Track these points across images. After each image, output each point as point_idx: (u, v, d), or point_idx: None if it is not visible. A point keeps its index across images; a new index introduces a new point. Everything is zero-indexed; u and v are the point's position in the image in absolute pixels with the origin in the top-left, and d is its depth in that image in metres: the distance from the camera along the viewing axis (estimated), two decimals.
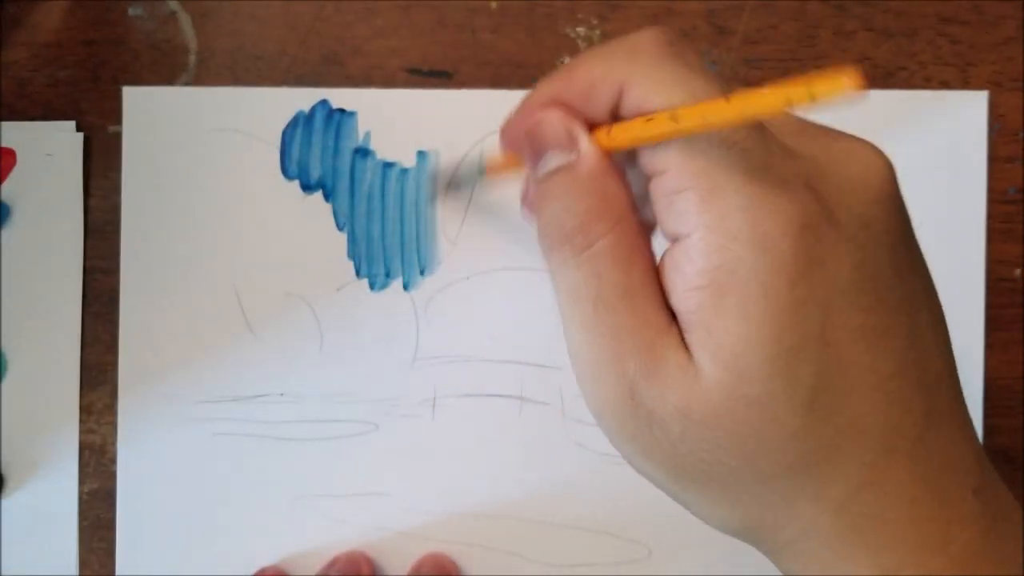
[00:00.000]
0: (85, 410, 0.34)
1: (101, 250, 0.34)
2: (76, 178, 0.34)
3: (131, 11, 0.35)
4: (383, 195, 0.34)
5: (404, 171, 0.34)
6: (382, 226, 0.34)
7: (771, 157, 0.18)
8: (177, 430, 0.34)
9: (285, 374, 0.34)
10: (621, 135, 0.19)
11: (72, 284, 0.34)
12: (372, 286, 0.34)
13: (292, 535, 0.33)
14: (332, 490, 0.34)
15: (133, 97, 0.34)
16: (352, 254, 0.34)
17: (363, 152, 0.34)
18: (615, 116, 0.20)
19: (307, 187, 0.34)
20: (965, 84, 0.34)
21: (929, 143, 0.34)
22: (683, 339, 0.19)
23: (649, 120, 0.18)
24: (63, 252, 0.34)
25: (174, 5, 0.35)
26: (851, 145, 0.19)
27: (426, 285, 0.34)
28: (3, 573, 0.34)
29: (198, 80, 0.34)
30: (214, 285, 0.34)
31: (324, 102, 0.34)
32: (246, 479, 0.34)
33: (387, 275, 0.34)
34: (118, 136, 0.34)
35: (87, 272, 0.34)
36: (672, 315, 0.19)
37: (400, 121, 0.34)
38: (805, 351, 0.18)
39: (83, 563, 0.34)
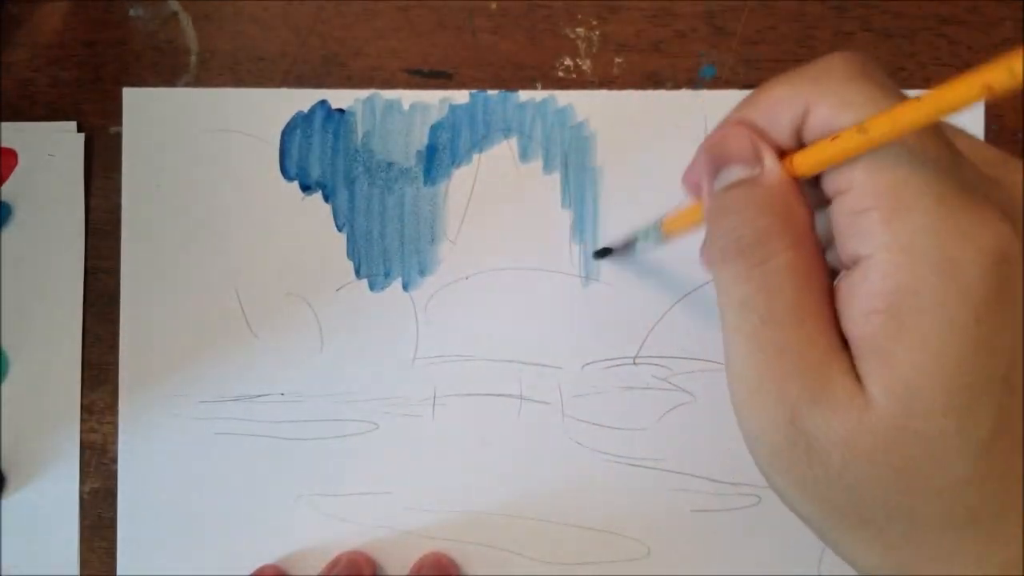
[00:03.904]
0: (86, 409, 0.34)
1: (102, 250, 0.34)
2: (77, 178, 0.34)
3: (132, 12, 0.35)
4: (382, 195, 0.34)
5: (403, 171, 0.34)
6: (382, 226, 0.34)
7: (965, 179, 0.17)
8: (178, 429, 0.34)
9: (285, 374, 0.34)
10: (804, 160, 0.19)
11: (73, 284, 0.34)
12: (372, 286, 0.34)
13: (292, 534, 0.34)
14: (332, 489, 0.34)
15: (133, 98, 0.34)
16: (352, 254, 0.34)
17: (362, 152, 0.34)
18: (798, 142, 0.19)
19: (306, 187, 0.34)
20: None
21: None
22: (853, 366, 0.17)
23: (835, 138, 0.18)
24: (64, 252, 0.34)
25: (175, 6, 0.35)
26: None
27: (426, 285, 0.34)
28: (4, 572, 0.34)
29: (199, 81, 0.35)
30: (214, 285, 0.34)
31: (323, 102, 0.34)
32: (247, 478, 0.34)
33: (387, 275, 0.34)
34: (119, 137, 0.34)
35: (88, 272, 0.34)
36: (844, 342, 0.18)
37: (400, 121, 0.34)
38: (987, 393, 0.16)
39: (84, 562, 0.34)
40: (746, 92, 0.33)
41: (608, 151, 0.34)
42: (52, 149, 0.34)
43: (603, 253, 0.33)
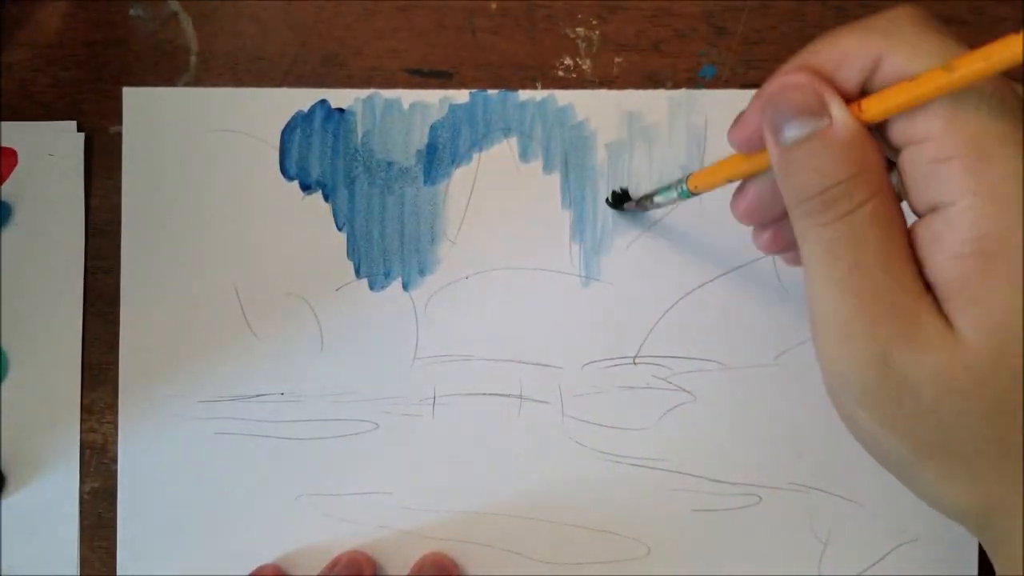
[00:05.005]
0: (86, 409, 0.34)
1: (102, 250, 0.34)
2: (77, 178, 0.34)
3: (132, 12, 0.35)
4: (382, 195, 0.34)
5: (403, 171, 0.34)
6: (382, 226, 0.34)
7: None
8: (178, 429, 0.34)
9: (285, 374, 0.34)
10: (876, 105, 0.19)
11: (73, 284, 0.34)
12: (372, 286, 0.34)
13: (292, 534, 0.34)
14: (332, 489, 0.34)
15: (133, 98, 0.34)
16: (352, 254, 0.34)
17: (362, 152, 0.34)
18: (862, 92, 0.19)
19: (306, 187, 0.34)
20: None
21: None
22: (939, 308, 0.18)
23: (914, 80, 0.18)
24: (64, 252, 0.34)
25: (175, 6, 0.35)
26: None
27: (426, 285, 0.34)
28: (4, 572, 0.34)
29: (199, 81, 0.35)
30: (214, 285, 0.34)
31: (323, 102, 0.34)
32: (247, 478, 0.34)
33: (387, 275, 0.34)
34: (119, 136, 0.34)
35: (88, 272, 0.34)
36: (926, 284, 0.19)
37: (400, 121, 0.34)
38: None
39: (84, 562, 0.34)
40: (746, 92, 0.34)
41: (608, 151, 0.34)
42: (52, 149, 0.34)
43: (619, 199, 0.32)
